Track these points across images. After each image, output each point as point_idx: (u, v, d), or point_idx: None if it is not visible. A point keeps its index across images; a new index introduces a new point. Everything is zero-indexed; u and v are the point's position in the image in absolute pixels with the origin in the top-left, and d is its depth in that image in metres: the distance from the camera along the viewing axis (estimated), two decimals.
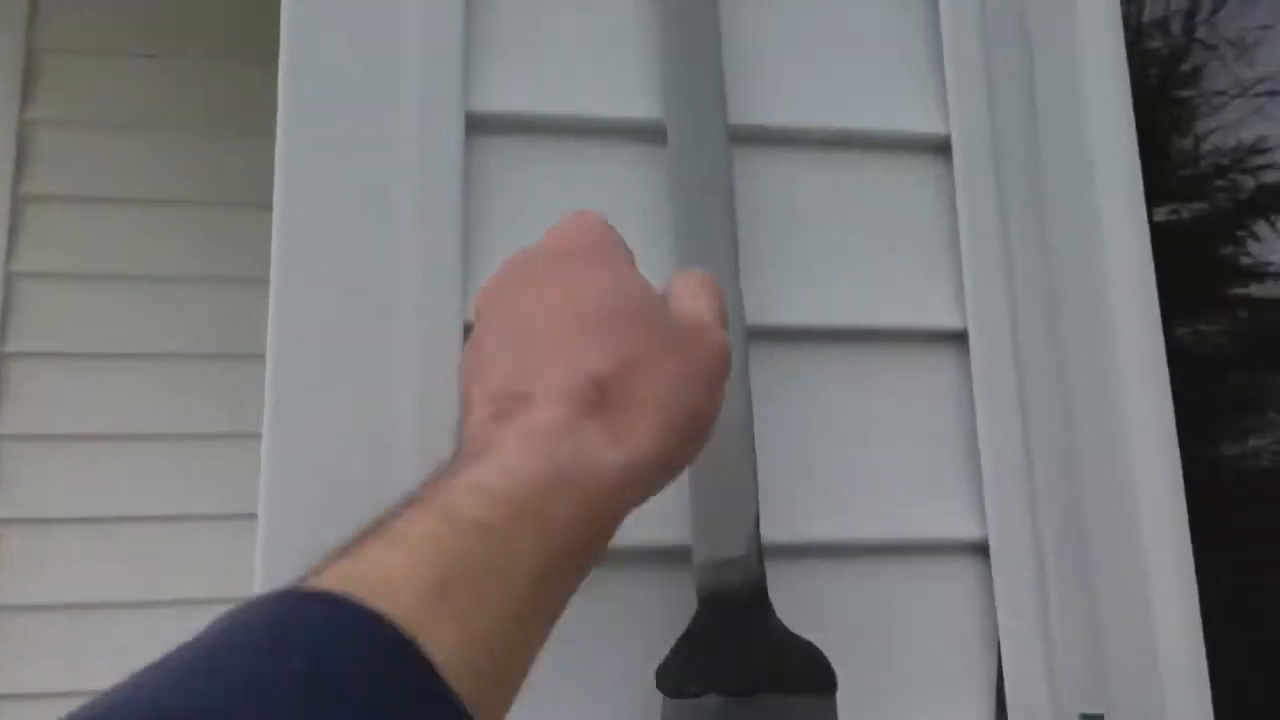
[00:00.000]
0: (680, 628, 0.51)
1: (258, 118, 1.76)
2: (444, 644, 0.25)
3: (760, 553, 0.51)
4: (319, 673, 0.23)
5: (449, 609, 0.26)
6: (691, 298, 0.40)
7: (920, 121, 0.62)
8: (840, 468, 0.57)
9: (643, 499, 0.36)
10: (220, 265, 1.76)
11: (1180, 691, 0.53)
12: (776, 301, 0.58)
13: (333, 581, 0.26)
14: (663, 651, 0.51)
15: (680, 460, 0.37)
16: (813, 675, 0.49)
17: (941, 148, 0.61)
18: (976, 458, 0.58)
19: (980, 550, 0.57)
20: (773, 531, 0.53)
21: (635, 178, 0.59)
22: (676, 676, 0.50)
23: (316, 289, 0.54)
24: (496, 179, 0.58)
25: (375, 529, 0.29)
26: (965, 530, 0.57)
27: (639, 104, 0.59)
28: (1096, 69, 0.59)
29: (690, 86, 0.58)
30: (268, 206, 0.54)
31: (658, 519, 0.55)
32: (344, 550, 0.28)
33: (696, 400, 0.36)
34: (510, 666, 0.29)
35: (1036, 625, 0.55)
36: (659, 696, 0.51)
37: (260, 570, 0.48)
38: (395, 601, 0.25)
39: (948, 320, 0.59)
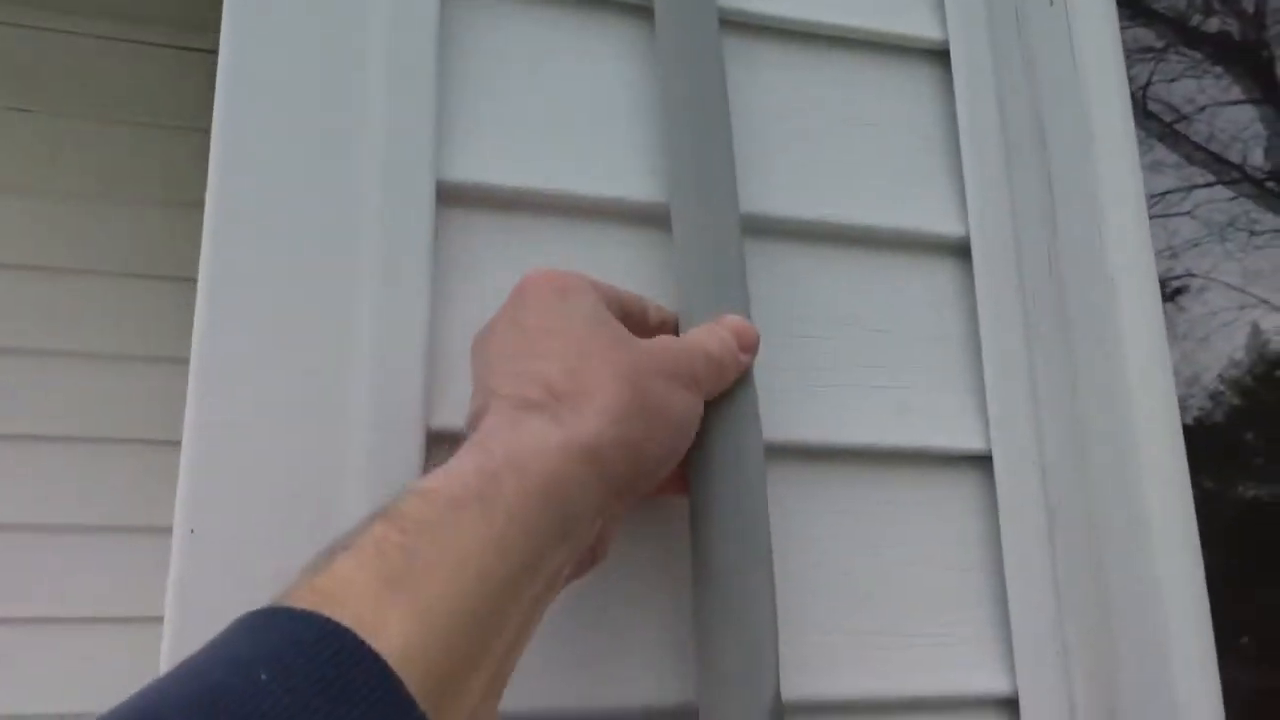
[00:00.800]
0: None
1: (144, 185, 1.62)
2: (394, 636, 0.28)
3: (783, 717, 0.43)
4: (280, 681, 0.26)
5: (397, 603, 0.28)
6: (702, 329, 0.45)
7: (938, 222, 0.58)
8: (863, 615, 0.51)
9: (608, 477, 0.37)
10: (110, 340, 1.56)
11: None
12: (791, 418, 0.52)
13: (298, 597, 0.29)
14: None
15: (641, 443, 0.38)
16: None
17: (961, 249, 0.58)
18: (1004, 597, 0.52)
19: (1009, 705, 0.51)
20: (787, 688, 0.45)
21: (623, 260, 0.52)
22: None
23: (250, 378, 0.44)
24: (469, 256, 0.50)
25: (336, 544, 0.31)
26: (994, 685, 0.51)
27: (628, 182, 0.53)
28: (1111, 168, 0.57)
29: (698, 172, 0.52)
30: (151, 277, 0.44)
31: (653, 679, 0.47)
32: (312, 566, 0.31)
33: (650, 386, 0.39)
34: (473, 648, 0.30)
35: None
36: None
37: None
38: (345, 604, 0.28)
39: (972, 443, 0.54)
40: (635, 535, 0.48)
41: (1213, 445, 1.49)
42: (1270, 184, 1.51)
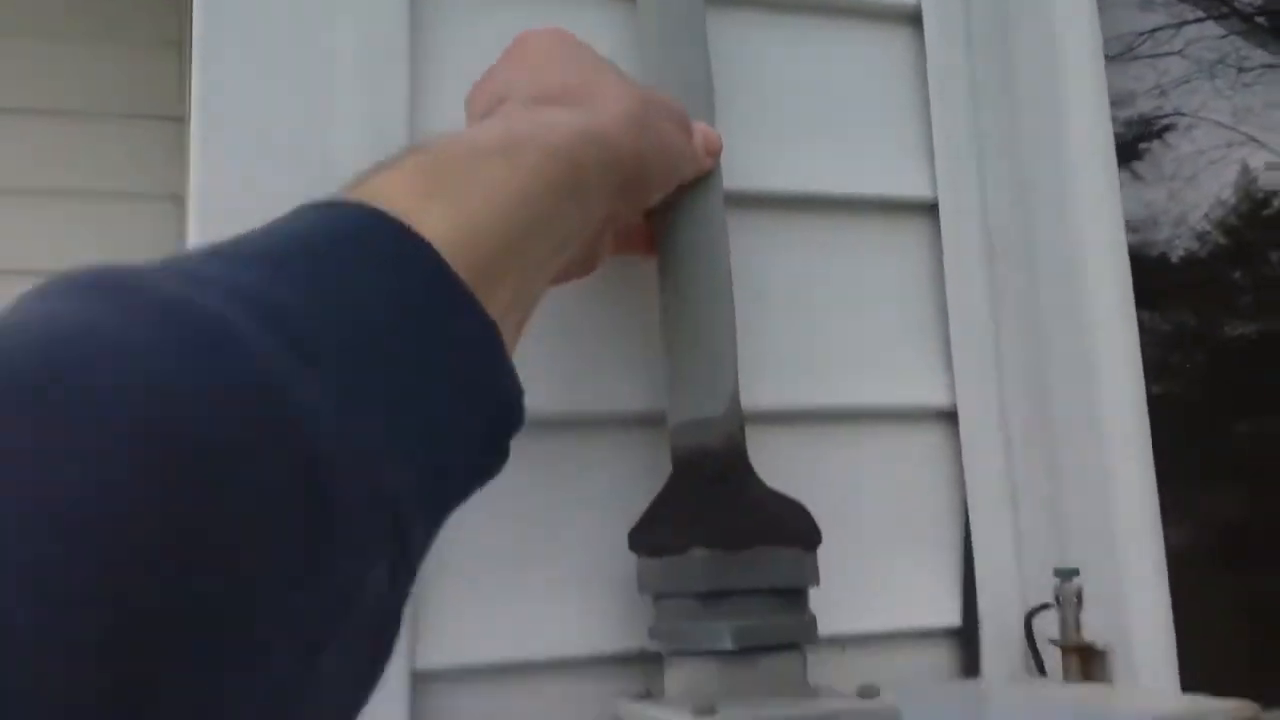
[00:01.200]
0: (652, 494, 0.49)
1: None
2: (433, 228, 0.29)
3: (740, 412, 0.49)
4: (334, 252, 0.28)
5: (435, 206, 0.30)
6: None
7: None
8: (811, 335, 0.56)
9: (616, 170, 0.40)
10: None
11: (1135, 548, 0.54)
12: (755, 167, 0.56)
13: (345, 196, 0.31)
14: (635, 516, 0.48)
15: (645, 154, 0.42)
16: (800, 528, 0.47)
17: (913, 17, 0.61)
18: (945, 325, 0.57)
19: (948, 418, 0.57)
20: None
21: (591, 24, 0.55)
22: (656, 534, 0.48)
23: (243, 140, 0.49)
24: (447, 29, 0.54)
25: (374, 166, 0.33)
26: (934, 398, 0.57)
27: None
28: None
29: None
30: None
31: (625, 386, 0.52)
32: (353, 181, 0.32)
33: (653, 113, 0.43)
34: (497, 267, 0.32)
35: (1003, 487, 0.55)
36: (633, 560, 0.48)
37: None
38: (389, 202, 0.29)
39: (919, 191, 0.59)
40: (608, 286, 0.53)
41: (1199, 284, 1.52)
42: (1260, 19, 1.51)
